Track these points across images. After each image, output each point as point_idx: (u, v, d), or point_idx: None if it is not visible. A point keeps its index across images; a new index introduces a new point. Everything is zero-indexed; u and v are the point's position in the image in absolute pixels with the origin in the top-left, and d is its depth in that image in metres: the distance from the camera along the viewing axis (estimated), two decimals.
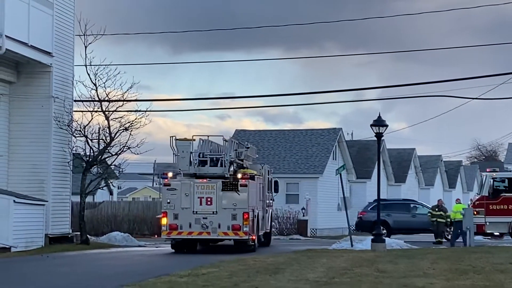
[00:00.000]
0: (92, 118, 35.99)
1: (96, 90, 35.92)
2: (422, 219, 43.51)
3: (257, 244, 32.69)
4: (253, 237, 31.81)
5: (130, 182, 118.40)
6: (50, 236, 33.48)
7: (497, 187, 40.97)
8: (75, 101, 36.58)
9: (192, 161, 31.71)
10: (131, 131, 35.93)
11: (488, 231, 40.86)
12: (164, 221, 31.18)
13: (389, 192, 68.41)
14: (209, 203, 30.99)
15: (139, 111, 36.27)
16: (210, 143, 32.65)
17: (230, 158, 31.86)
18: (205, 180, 31.31)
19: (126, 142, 35.87)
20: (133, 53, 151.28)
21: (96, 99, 36.08)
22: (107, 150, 36.16)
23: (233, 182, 31.12)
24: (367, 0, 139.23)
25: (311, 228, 53.83)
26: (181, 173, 31.61)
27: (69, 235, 35.54)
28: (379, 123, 33.41)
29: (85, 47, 35.66)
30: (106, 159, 37.00)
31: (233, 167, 32.25)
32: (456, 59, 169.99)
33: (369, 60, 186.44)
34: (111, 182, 59.51)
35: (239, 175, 31.34)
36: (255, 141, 56.52)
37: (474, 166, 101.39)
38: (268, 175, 37.45)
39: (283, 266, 22.33)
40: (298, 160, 58.09)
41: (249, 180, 31.37)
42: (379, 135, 33.65)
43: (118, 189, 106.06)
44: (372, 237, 33.05)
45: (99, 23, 40.19)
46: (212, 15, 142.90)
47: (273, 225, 45.52)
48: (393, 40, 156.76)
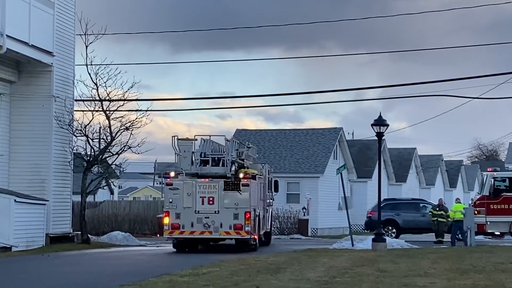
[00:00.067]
0: (93, 118, 36.11)
1: (97, 90, 36.04)
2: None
3: (258, 244, 32.72)
4: (255, 237, 31.83)
5: (131, 182, 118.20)
6: (51, 236, 33.48)
7: (498, 187, 41.02)
8: (76, 101, 36.63)
9: (194, 161, 31.71)
10: (132, 131, 36.05)
11: (489, 231, 40.93)
12: (166, 221, 31.16)
13: (390, 192, 68.31)
14: (211, 203, 30.99)
15: (140, 111, 36.39)
16: (212, 143, 32.66)
17: (232, 158, 31.88)
18: (207, 180, 31.30)
19: (127, 142, 36.01)
20: (134, 53, 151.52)
21: (97, 99, 36.14)
22: (108, 150, 36.19)
23: (235, 182, 31.13)
24: (368, 0, 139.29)
25: (312, 228, 53.80)
26: (183, 173, 31.60)
27: (70, 235, 35.56)
28: (380, 123, 33.41)
29: (86, 47, 35.77)
30: (107, 159, 37.04)
31: (235, 167, 32.27)
32: (457, 59, 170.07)
33: (370, 60, 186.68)
34: (112, 182, 59.64)
35: (241, 175, 31.34)
36: (256, 141, 56.53)
37: (475, 166, 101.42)
38: (269, 175, 37.50)
39: (284, 266, 22.32)
40: (299, 160, 58.05)
41: (251, 180, 31.36)
42: (380, 135, 33.65)
43: (119, 189, 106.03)
44: (373, 237, 33.05)
45: (100, 23, 40.17)
46: (212, 15, 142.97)
47: (274, 225, 45.57)
48: (394, 40, 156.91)
